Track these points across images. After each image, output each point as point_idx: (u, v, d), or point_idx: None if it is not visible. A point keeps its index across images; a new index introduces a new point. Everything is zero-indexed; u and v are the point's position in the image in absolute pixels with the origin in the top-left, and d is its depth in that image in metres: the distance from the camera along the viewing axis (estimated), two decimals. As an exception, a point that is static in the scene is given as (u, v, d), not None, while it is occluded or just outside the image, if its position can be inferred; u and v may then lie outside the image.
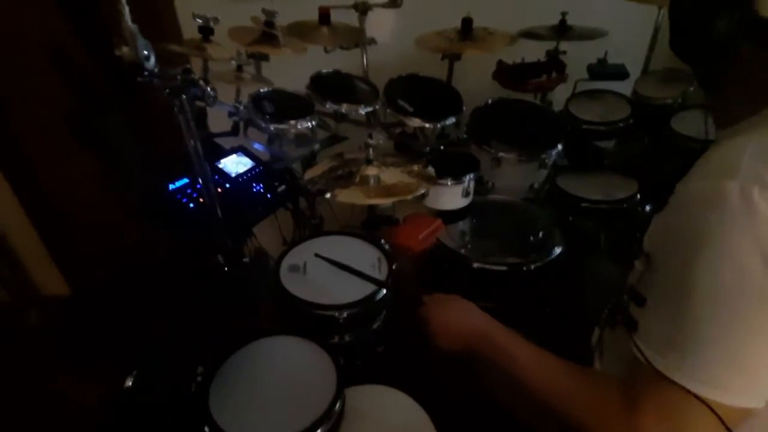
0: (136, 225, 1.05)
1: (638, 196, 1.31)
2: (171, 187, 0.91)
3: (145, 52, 0.59)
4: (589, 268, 1.25)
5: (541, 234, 1.20)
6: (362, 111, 1.25)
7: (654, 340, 0.51)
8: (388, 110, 1.29)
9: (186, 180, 0.93)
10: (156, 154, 1.04)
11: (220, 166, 1.02)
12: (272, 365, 0.73)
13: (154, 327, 0.68)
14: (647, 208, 1.35)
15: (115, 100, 1.16)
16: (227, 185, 0.98)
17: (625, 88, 1.49)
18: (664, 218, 0.54)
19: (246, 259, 0.87)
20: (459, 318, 0.74)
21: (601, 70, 1.54)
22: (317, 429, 0.62)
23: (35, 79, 1.37)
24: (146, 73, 0.59)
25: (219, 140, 1.16)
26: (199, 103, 0.72)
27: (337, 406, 0.67)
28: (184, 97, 0.65)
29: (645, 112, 1.40)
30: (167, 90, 0.64)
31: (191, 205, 0.89)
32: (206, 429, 0.60)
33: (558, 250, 1.12)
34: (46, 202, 1.62)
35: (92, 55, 0.99)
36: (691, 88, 1.35)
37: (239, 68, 1.03)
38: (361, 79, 1.38)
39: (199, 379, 0.69)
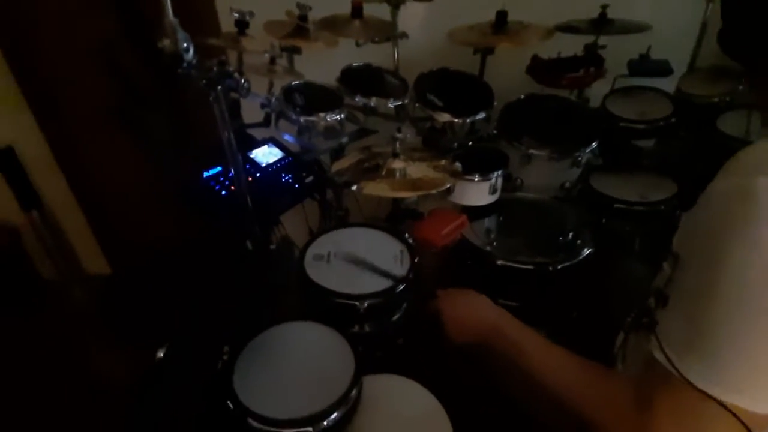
0: (173, 210, 1.11)
1: (677, 198, 1.25)
2: (205, 174, 0.95)
3: (185, 45, 0.62)
4: (620, 272, 1.21)
5: (570, 235, 1.17)
6: (391, 105, 1.26)
7: (673, 339, 0.49)
8: (417, 104, 1.29)
9: (219, 168, 0.97)
10: (192, 143, 1.09)
11: (252, 156, 1.05)
12: (294, 349, 0.76)
13: (186, 307, 0.72)
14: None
15: (156, 91, 1.23)
16: (257, 174, 1.02)
17: (667, 85, 1.42)
18: (693, 216, 0.53)
19: (273, 246, 0.90)
20: (470, 310, 0.75)
21: (643, 65, 1.47)
22: (334, 412, 0.64)
23: (86, 75, 1.47)
24: (185, 65, 0.62)
25: (251, 131, 1.20)
26: (233, 95, 0.75)
27: (354, 391, 0.68)
28: (219, 88, 0.68)
29: (688, 111, 1.33)
30: (204, 81, 0.67)
31: (223, 192, 0.93)
32: (229, 404, 0.63)
33: (587, 252, 1.09)
34: (93, 187, 1.74)
35: (136, 49, 1.04)
36: (741, 87, 1.27)
37: (272, 61, 1.06)
38: (391, 72, 1.39)
39: (225, 357, 0.73)
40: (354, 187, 1.02)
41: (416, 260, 0.96)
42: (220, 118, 0.70)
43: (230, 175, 0.97)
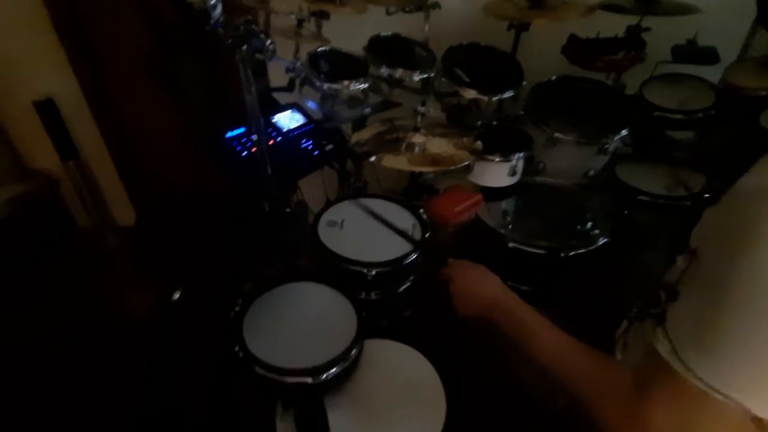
0: (198, 165, 1.15)
1: (706, 194, 1.20)
2: (228, 134, 0.97)
3: (213, 1, 0.63)
4: (637, 265, 1.18)
5: (589, 224, 1.15)
6: (417, 78, 1.24)
7: (679, 330, 0.49)
8: (443, 79, 1.27)
9: (242, 129, 0.99)
10: (218, 102, 1.12)
11: (274, 120, 1.07)
12: (302, 307, 0.79)
13: (203, 257, 0.76)
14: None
15: (188, 46, 1.25)
16: (279, 139, 1.04)
17: (713, 74, 1.33)
18: (716, 212, 0.51)
19: (289, 210, 0.92)
20: (480, 284, 0.76)
21: (688, 51, 1.38)
22: (333, 367, 0.67)
23: (124, 29, 1.51)
24: (212, 21, 0.63)
25: (276, 95, 1.21)
26: (259, 56, 0.76)
27: (354, 351, 0.72)
28: (244, 48, 0.68)
29: (732, 103, 1.25)
30: (230, 40, 0.68)
31: (244, 153, 0.95)
32: (237, 349, 0.68)
33: (602, 241, 1.07)
34: (125, 139, 1.81)
35: (169, 4, 1.06)
36: (793, 80, 1.18)
37: (299, 24, 1.05)
38: (420, 44, 1.36)
39: (238, 308, 0.77)
40: (372, 158, 1.03)
41: (428, 235, 0.97)
42: (245, 79, 0.71)
43: (252, 137, 1.00)
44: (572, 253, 1.04)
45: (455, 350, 0.88)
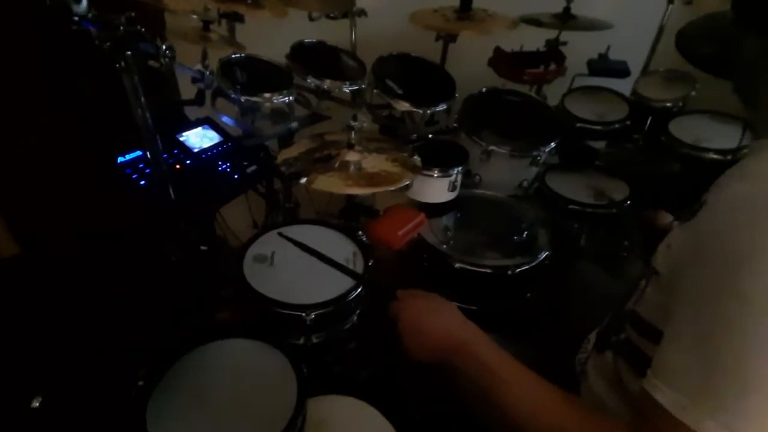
0: (87, 199, 0.93)
1: (628, 201, 1.26)
2: (120, 159, 0.79)
3: (73, -9, 0.47)
4: (573, 273, 1.20)
5: (525, 234, 1.14)
6: (347, 89, 1.14)
7: (680, 380, 0.42)
8: (375, 90, 1.19)
9: (139, 153, 0.81)
10: (116, 117, 0.91)
11: (182, 139, 0.90)
12: (225, 373, 0.65)
13: (83, 324, 0.58)
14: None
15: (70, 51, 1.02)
16: (188, 162, 0.87)
17: (624, 87, 1.42)
18: (695, 229, 0.46)
19: (204, 247, 0.77)
20: (434, 322, 0.65)
21: (602, 65, 1.47)
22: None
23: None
24: (76, 19, 0.47)
25: (188, 110, 1.04)
26: (153, 63, 0.61)
27: (298, 421, 0.59)
28: (128, 53, 0.53)
29: (643, 114, 1.34)
30: (107, 44, 0.52)
31: (142, 182, 0.77)
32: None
33: (543, 255, 1.06)
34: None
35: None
36: (693, 93, 1.29)
37: (206, 26, 0.90)
38: (348, 53, 1.27)
39: (140, 383, 0.60)
40: (303, 180, 0.91)
41: (371, 263, 0.87)
42: (132, 92, 0.56)
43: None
44: (518, 270, 1.01)
45: (405, 390, 0.79)
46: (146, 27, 0.59)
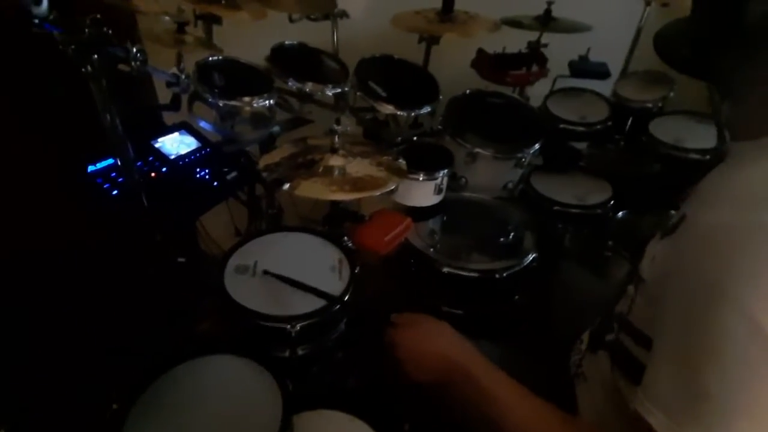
0: (58, 211, 0.88)
1: (611, 201, 1.27)
2: (90, 168, 0.75)
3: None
4: (558, 274, 1.20)
5: (512, 236, 1.14)
6: (329, 92, 1.12)
7: (669, 404, 0.42)
8: (358, 93, 1.17)
9: (111, 161, 0.77)
10: (76, 126, 0.87)
11: (157, 145, 0.86)
12: (205, 392, 0.62)
13: (54, 343, 0.55)
14: (619, 214, 1.32)
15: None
16: (164, 169, 0.83)
17: (605, 88, 1.44)
18: (676, 247, 0.47)
19: (181, 259, 0.73)
20: (433, 346, 0.64)
21: (583, 67, 1.48)
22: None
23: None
24: (37, 21, 0.44)
25: (166, 116, 0.99)
26: (123, 67, 0.58)
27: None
28: (95, 57, 0.50)
29: (623, 115, 1.36)
30: (72, 47, 0.49)
31: (114, 192, 0.73)
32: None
33: (530, 257, 1.06)
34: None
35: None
36: (672, 94, 1.32)
37: (180, 28, 0.86)
38: (330, 55, 1.25)
39: (115, 406, 0.57)
40: (286, 186, 0.88)
41: (356, 270, 0.85)
42: (99, 97, 0.53)
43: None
44: (506, 274, 1.01)
45: (400, 409, 0.77)
46: (116, 30, 0.56)
